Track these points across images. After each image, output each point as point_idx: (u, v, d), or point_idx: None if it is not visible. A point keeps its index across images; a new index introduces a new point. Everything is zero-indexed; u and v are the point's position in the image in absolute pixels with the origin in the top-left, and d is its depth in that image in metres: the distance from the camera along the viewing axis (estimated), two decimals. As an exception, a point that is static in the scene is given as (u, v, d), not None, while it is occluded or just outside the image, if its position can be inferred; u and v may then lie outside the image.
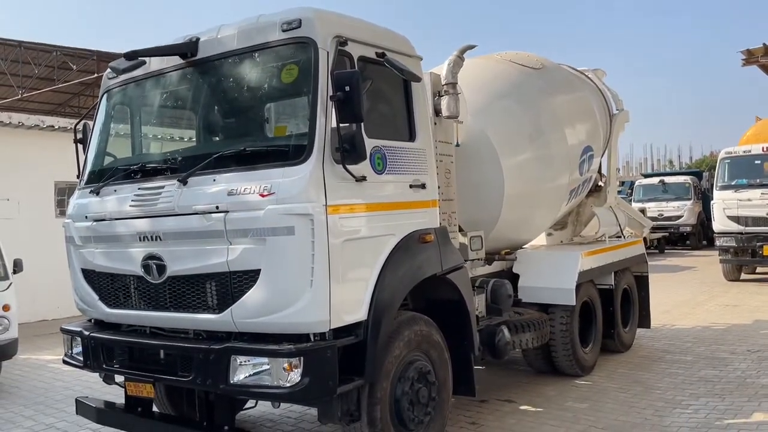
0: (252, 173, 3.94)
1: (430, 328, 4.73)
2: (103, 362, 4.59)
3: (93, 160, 5.07)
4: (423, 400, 4.57)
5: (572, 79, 8.25)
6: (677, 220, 23.17)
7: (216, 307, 4.05)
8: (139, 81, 4.82)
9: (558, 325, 6.72)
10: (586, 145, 7.61)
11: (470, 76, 6.16)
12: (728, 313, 10.69)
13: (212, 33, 4.41)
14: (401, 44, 4.74)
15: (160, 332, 4.44)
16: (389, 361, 4.31)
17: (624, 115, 8.98)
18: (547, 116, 7.04)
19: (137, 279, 4.42)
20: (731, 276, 14.69)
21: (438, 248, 4.78)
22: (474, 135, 6.15)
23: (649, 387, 6.64)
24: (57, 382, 7.74)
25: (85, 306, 4.89)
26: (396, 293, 4.36)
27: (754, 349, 8.04)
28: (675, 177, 25.56)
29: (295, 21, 4.01)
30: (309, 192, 3.81)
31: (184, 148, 4.89)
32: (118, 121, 5.15)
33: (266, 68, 4.28)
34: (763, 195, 13.52)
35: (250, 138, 4.36)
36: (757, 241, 13.61)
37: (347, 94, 3.77)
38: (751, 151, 14.13)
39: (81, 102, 26.85)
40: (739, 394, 6.25)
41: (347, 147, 3.87)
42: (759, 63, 15.14)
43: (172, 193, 4.17)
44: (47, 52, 21.12)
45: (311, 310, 3.82)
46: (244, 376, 3.88)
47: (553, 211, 7.45)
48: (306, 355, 3.77)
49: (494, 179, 6.31)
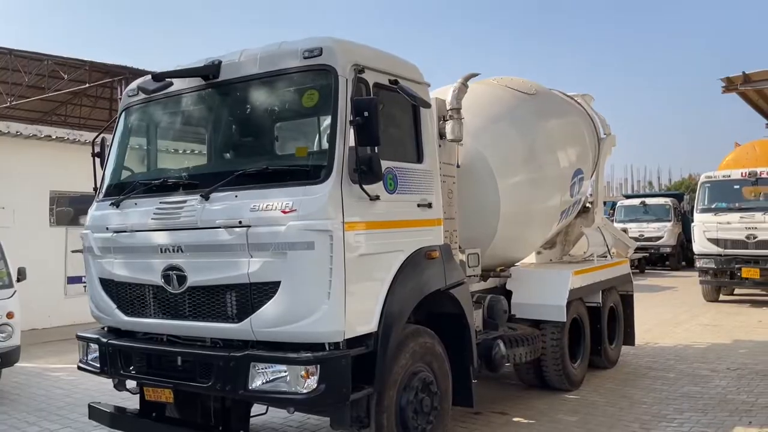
0: (274, 191, 4.17)
1: (433, 341, 4.98)
2: (120, 368, 4.76)
3: (111, 173, 5.28)
4: (426, 409, 4.81)
5: (563, 104, 8.60)
6: (658, 241, 23.67)
7: (235, 316, 4.26)
8: (160, 99, 5.04)
9: (549, 340, 6.99)
10: (576, 168, 7.95)
11: (468, 100, 6.43)
12: (708, 333, 11.05)
13: (234, 57, 4.66)
14: (412, 72, 5.04)
15: (176, 340, 4.63)
16: (396, 371, 4.55)
17: (611, 139, 9.33)
18: (540, 140, 7.36)
19: (156, 288, 4.61)
20: (710, 297, 15.10)
21: (442, 264, 5.05)
22: (472, 157, 6.44)
23: (635, 401, 6.93)
24: (56, 389, 7.84)
25: (101, 314, 5.06)
26: (404, 306, 4.61)
27: (734, 367, 8.37)
28: (656, 198, 26.12)
29: (316, 49, 4.28)
30: (328, 210, 4.05)
31: (205, 165, 5.12)
32: (137, 137, 5.36)
33: (287, 92, 4.55)
34: (741, 218, 13.94)
35: (270, 157, 4.61)
36: (736, 263, 14.01)
37: (366, 119, 4.05)
38: (731, 176, 14.58)
39: (68, 111, 26.88)
40: (720, 409, 6.55)
41: (364, 168, 4.13)
42: (738, 91, 15.62)
43: (195, 208, 4.39)
44: (38, 61, 21.15)
45: (328, 320, 4.05)
46: (261, 382, 4.09)
47: (544, 231, 7.76)
48: (323, 363, 3.99)
49: (491, 199, 6.59)
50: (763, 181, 14.06)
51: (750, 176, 14.13)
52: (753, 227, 13.76)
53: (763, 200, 14.12)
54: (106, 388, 6.23)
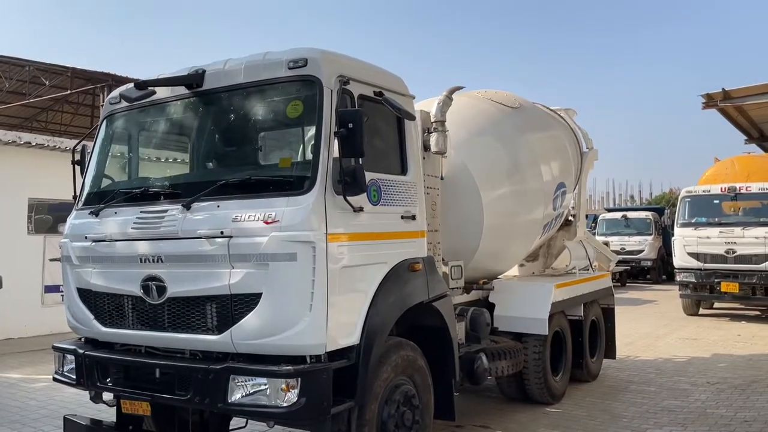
0: (256, 201, 4.14)
1: (415, 354, 4.95)
2: (97, 380, 4.67)
3: (92, 182, 5.20)
4: (407, 422, 4.77)
5: (547, 118, 8.67)
6: (638, 254, 23.87)
7: (215, 328, 4.20)
8: (142, 108, 4.99)
9: (531, 353, 7.00)
10: (559, 182, 8.00)
11: (452, 112, 6.46)
12: (688, 347, 11.14)
13: (218, 66, 4.63)
14: (397, 84, 5.04)
15: (155, 351, 4.56)
16: (378, 384, 4.50)
17: (593, 153, 9.42)
18: (524, 153, 7.40)
19: (135, 299, 4.54)
20: (690, 311, 15.23)
21: (426, 277, 5.03)
22: (456, 169, 6.45)
23: (616, 415, 6.94)
24: (30, 401, 7.68)
25: (78, 324, 4.97)
26: (387, 319, 4.58)
27: (713, 381, 8.43)
28: (637, 212, 26.40)
29: (301, 60, 4.27)
30: (311, 221, 4.02)
31: (187, 175, 5.07)
32: (119, 145, 5.30)
33: (271, 102, 4.52)
34: (721, 233, 14.11)
35: (253, 168, 4.57)
36: (715, 277, 14.16)
37: (350, 131, 4.03)
38: (711, 191, 14.76)
39: (50, 117, 26.62)
40: (700, 423, 6.59)
41: (348, 180, 4.11)
42: (718, 107, 15.84)
43: (176, 217, 4.34)
44: (20, 66, 20.94)
45: (309, 333, 4.01)
46: (241, 395, 4.03)
47: (527, 244, 7.78)
48: (303, 376, 3.95)
49: (474, 211, 6.60)
50: (742, 197, 14.25)
51: (729, 191, 14.32)
52: (732, 242, 13.92)
53: (742, 215, 14.30)
54: (83, 400, 6.12)
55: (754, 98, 14.96)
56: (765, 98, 14.69)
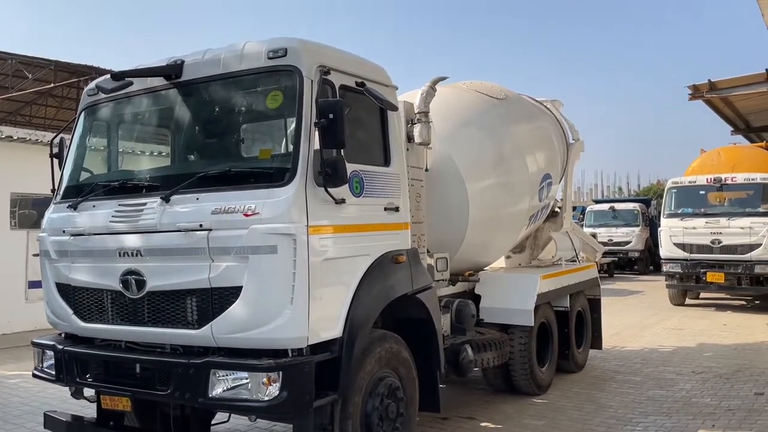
0: (236, 193, 4.08)
1: (399, 346, 4.92)
2: (77, 376, 4.61)
3: (70, 175, 5.12)
4: (392, 415, 4.74)
5: (533, 110, 8.65)
6: (626, 246, 23.98)
7: (195, 322, 4.15)
8: (121, 99, 4.91)
9: (517, 345, 6.99)
10: (545, 173, 7.98)
11: (437, 103, 6.41)
12: (674, 336, 11.19)
13: (197, 56, 4.56)
14: (379, 74, 4.98)
15: (135, 346, 4.50)
16: (361, 377, 4.47)
17: (579, 144, 9.43)
18: (509, 144, 7.37)
19: (114, 294, 4.48)
20: (676, 301, 15.31)
21: (409, 269, 5.00)
22: (441, 160, 6.41)
23: (602, 405, 6.96)
24: (13, 397, 7.60)
25: (58, 320, 4.91)
26: (370, 311, 4.54)
27: (698, 371, 8.47)
28: (624, 204, 26.49)
29: (281, 50, 4.20)
30: (292, 213, 3.97)
31: (166, 167, 5.00)
32: (97, 138, 5.22)
33: (251, 93, 4.46)
34: (707, 224, 14.18)
35: (233, 159, 4.50)
36: (701, 267, 14.22)
37: (331, 122, 3.98)
38: (696, 182, 14.82)
39: (33, 111, 26.33)
40: (684, 412, 6.61)
41: (329, 171, 4.06)
42: (704, 98, 15.91)
43: (155, 210, 4.27)
44: (2, 60, 20.68)
45: (291, 326, 3.97)
46: (222, 389, 3.99)
47: (513, 235, 7.77)
48: (285, 369, 3.91)
49: (460, 203, 6.57)
50: (727, 187, 14.32)
51: (715, 182, 14.38)
52: (718, 232, 13.99)
53: (728, 206, 14.38)
54: (66, 396, 6.02)
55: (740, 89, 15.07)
56: (751, 89, 14.79)
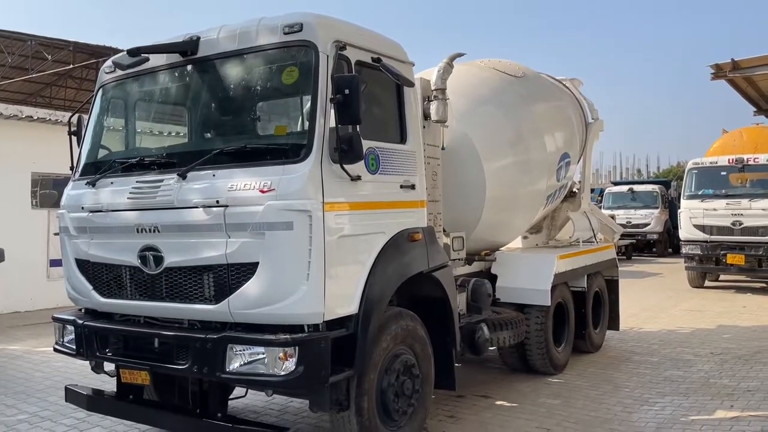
0: (252, 170, 4.08)
1: (415, 324, 4.92)
2: (96, 350, 4.68)
3: (88, 152, 5.16)
4: (407, 392, 4.77)
5: (551, 88, 8.54)
6: (644, 228, 23.77)
7: (213, 298, 4.18)
8: (137, 76, 4.92)
9: (533, 324, 6.97)
10: (563, 152, 7.89)
11: (455, 81, 6.35)
12: (692, 318, 11.10)
13: (213, 33, 4.54)
14: (395, 50, 4.94)
15: (154, 321, 4.55)
16: (377, 353, 4.49)
17: (599, 124, 9.30)
18: (527, 123, 7.29)
19: (133, 269, 4.52)
20: (696, 283, 15.17)
21: (425, 247, 4.99)
22: (458, 139, 6.36)
23: (618, 385, 6.94)
24: (36, 372, 7.74)
25: (78, 295, 4.97)
26: (385, 289, 4.54)
27: (717, 352, 8.41)
28: (643, 186, 26.21)
29: (296, 25, 4.17)
30: (308, 189, 3.97)
31: (182, 144, 5.01)
32: (114, 115, 5.24)
33: (266, 69, 4.44)
34: (728, 205, 13.99)
35: (249, 136, 4.50)
36: (721, 249, 14.07)
37: (347, 97, 3.96)
38: (718, 163, 14.61)
39: (53, 92, 26.53)
40: (702, 393, 6.57)
41: (345, 147, 4.04)
42: (727, 78, 15.63)
43: (172, 187, 4.29)
44: (21, 41, 20.81)
45: (307, 302, 3.98)
46: (239, 364, 4.02)
47: (530, 215, 7.71)
48: (301, 344, 3.93)
49: (476, 182, 6.53)
50: (749, 168, 14.10)
51: (737, 163, 14.17)
52: (739, 214, 13.81)
53: (749, 187, 14.17)
54: (87, 371, 6.14)
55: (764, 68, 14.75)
56: (775, 68, 14.48)
